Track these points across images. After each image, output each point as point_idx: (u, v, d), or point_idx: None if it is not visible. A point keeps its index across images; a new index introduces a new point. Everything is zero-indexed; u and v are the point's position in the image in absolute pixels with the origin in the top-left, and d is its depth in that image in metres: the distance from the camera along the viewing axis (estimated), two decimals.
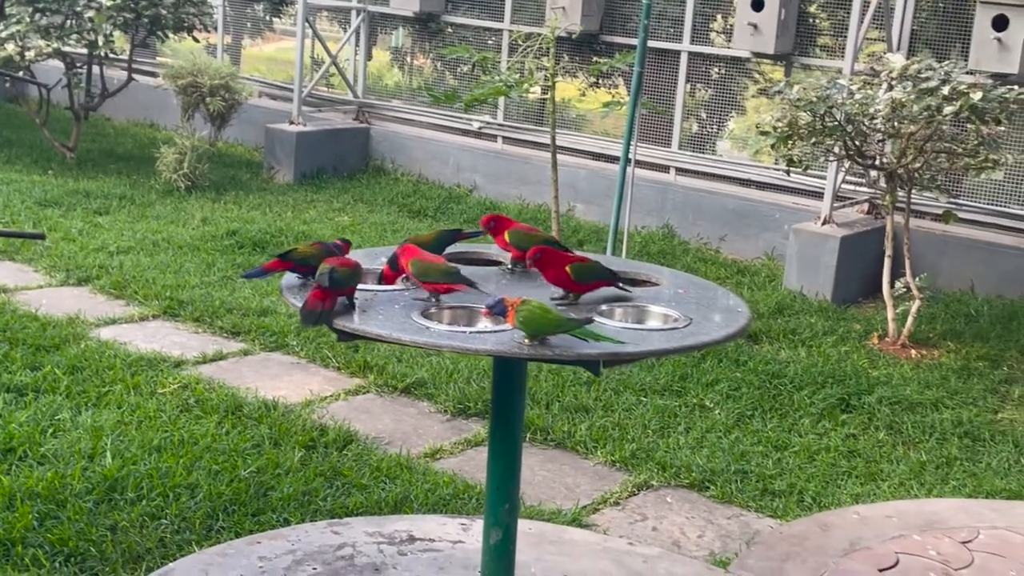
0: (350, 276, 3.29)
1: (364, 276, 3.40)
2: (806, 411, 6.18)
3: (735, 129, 10.70)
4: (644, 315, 3.34)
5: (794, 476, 5.40)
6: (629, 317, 3.30)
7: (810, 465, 5.54)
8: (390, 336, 2.95)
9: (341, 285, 3.25)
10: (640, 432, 5.76)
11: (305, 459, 5.15)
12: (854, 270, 8.46)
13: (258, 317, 7.01)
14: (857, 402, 6.33)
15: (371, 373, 6.31)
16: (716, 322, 3.25)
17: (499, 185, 10.85)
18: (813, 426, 6.01)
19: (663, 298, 3.48)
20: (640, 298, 3.46)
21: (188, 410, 5.58)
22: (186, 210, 9.54)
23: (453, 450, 5.50)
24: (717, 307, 3.42)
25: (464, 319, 3.23)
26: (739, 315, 3.33)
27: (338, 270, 3.25)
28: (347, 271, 3.28)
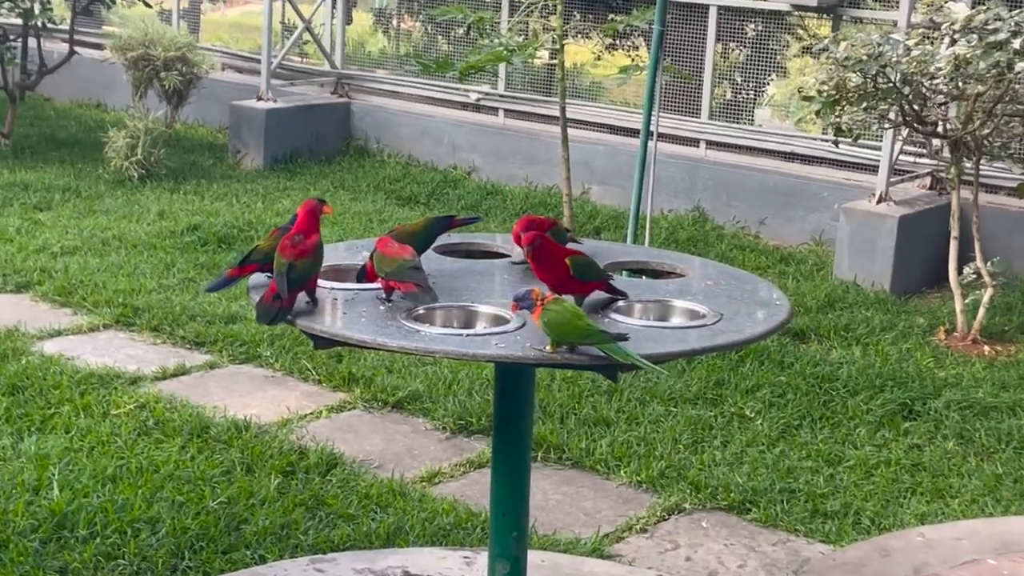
0: (311, 267, 3.33)
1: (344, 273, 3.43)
2: (862, 419, 6.19)
3: (775, 95, 10.71)
4: (667, 311, 3.37)
5: (849, 494, 5.41)
6: (650, 313, 3.33)
7: (867, 481, 5.55)
8: (374, 341, 2.99)
9: (301, 282, 3.29)
10: (670, 447, 5.78)
11: (283, 487, 5.17)
12: (915, 255, 8.47)
13: (225, 325, 7.04)
14: (921, 408, 6.34)
15: (357, 386, 6.33)
16: (751, 317, 3.28)
17: (502, 166, 10.87)
18: (870, 436, 6.02)
19: (690, 291, 3.50)
20: (664, 291, 3.49)
21: (147, 433, 5.61)
22: (140, 203, 9.58)
23: (453, 473, 5.52)
24: (752, 300, 3.45)
25: (460, 320, 3.27)
26: (778, 309, 3.35)
27: (296, 266, 3.29)
28: (305, 263, 3.32)
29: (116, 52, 11.02)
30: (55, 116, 12.86)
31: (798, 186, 9.50)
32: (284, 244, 3.37)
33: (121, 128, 10.37)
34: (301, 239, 3.38)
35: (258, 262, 3.51)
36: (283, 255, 3.33)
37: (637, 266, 3.81)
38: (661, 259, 3.81)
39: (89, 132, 11.97)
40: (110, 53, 11.19)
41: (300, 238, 3.39)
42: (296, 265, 3.29)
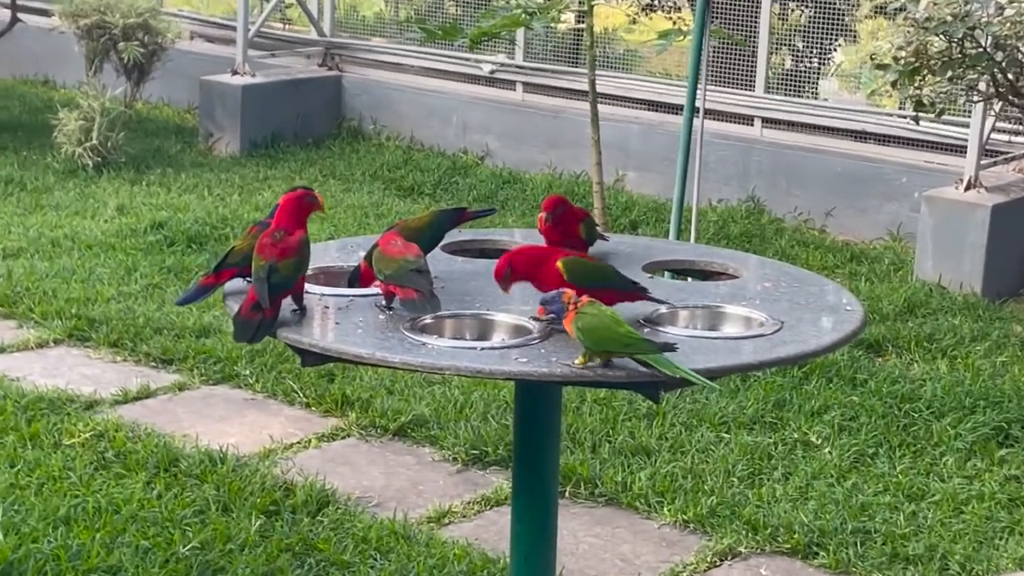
0: (296, 268, 3.33)
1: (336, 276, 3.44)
2: (949, 446, 6.17)
3: (844, 63, 10.70)
4: (718, 319, 3.37)
5: (935, 535, 5.39)
6: (698, 322, 3.34)
7: (956, 520, 5.54)
8: (372, 356, 3.00)
9: (285, 287, 3.30)
10: (722, 481, 5.77)
11: (265, 529, 5.18)
12: (1011, 251, 8.46)
13: (197, 339, 7.06)
14: (1020, 432, 6.32)
15: (352, 410, 6.34)
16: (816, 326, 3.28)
17: (520, 149, 10.88)
18: (959, 466, 6.00)
19: (745, 295, 3.51)
20: (713, 295, 3.49)
21: (105, 467, 5.61)
22: (96, 196, 9.61)
23: (466, 512, 5.52)
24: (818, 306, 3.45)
25: (473, 330, 3.27)
26: (848, 316, 3.35)
27: (277, 269, 3.29)
28: (289, 263, 3.32)
29: (66, 19, 11.06)
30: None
31: (871, 171, 9.48)
32: (263, 242, 3.37)
33: (73, 109, 10.40)
34: (283, 235, 3.39)
35: (236, 266, 3.53)
36: (262, 256, 3.34)
37: (682, 266, 3.82)
38: (710, 257, 3.81)
39: (35, 114, 12.01)
40: (59, 21, 11.23)
41: (282, 234, 3.39)
42: (278, 267, 3.30)
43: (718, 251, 3.95)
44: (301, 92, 11.52)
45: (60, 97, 12.05)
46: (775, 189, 9.83)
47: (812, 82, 10.61)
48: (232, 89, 11.18)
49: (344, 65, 11.97)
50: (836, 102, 10.27)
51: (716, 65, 10.01)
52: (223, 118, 11.21)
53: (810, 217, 9.68)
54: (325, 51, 11.98)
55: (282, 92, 11.40)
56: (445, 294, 3.38)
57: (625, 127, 10.37)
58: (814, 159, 9.72)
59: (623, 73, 10.85)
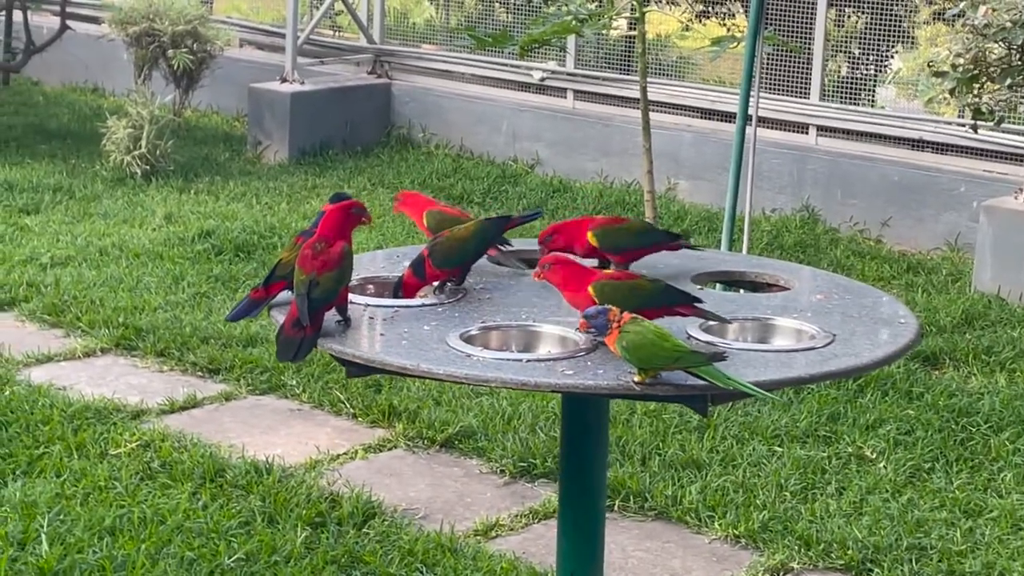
0: (337, 281, 3.33)
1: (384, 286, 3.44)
2: (1008, 461, 6.12)
3: (902, 70, 10.64)
4: (769, 331, 3.35)
5: (992, 552, 5.35)
6: (748, 334, 3.32)
7: (1015, 537, 5.48)
8: (417, 368, 3.00)
9: (327, 301, 3.30)
10: (774, 495, 5.73)
11: (311, 541, 5.18)
12: None
13: (244, 348, 7.09)
14: None
15: (399, 421, 6.35)
16: (870, 339, 3.25)
17: (571, 158, 10.88)
18: (1018, 482, 5.95)
19: (796, 307, 3.49)
20: (764, 307, 3.47)
21: (151, 477, 5.64)
22: (144, 204, 9.67)
23: (513, 525, 5.51)
24: (872, 318, 3.42)
25: (519, 342, 3.27)
26: (903, 328, 3.33)
27: (318, 283, 3.29)
28: (331, 276, 3.32)
29: (116, 27, 11.14)
30: (44, 103, 13.01)
31: (928, 180, 9.43)
32: (304, 254, 3.38)
33: (122, 116, 10.46)
34: (324, 247, 3.39)
35: (285, 278, 3.53)
36: (303, 269, 3.34)
37: (732, 278, 3.80)
38: (762, 268, 3.79)
39: (84, 121, 12.10)
40: (109, 28, 11.31)
41: (323, 246, 3.39)
42: (319, 281, 3.30)
43: (770, 262, 3.93)
44: (350, 100, 11.55)
45: (109, 105, 12.11)
46: (830, 198, 9.78)
47: (869, 89, 10.55)
48: (281, 97, 11.22)
49: (394, 72, 11.99)
50: (892, 110, 10.21)
51: (770, 72, 9.98)
52: (272, 126, 11.25)
53: (866, 227, 9.63)
54: (375, 58, 12.01)
55: (331, 100, 11.43)
56: (491, 304, 3.37)
57: (677, 135, 10.35)
58: (870, 168, 9.67)
59: (675, 80, 10.83)
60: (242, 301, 3.67)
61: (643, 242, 3.81)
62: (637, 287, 3.33)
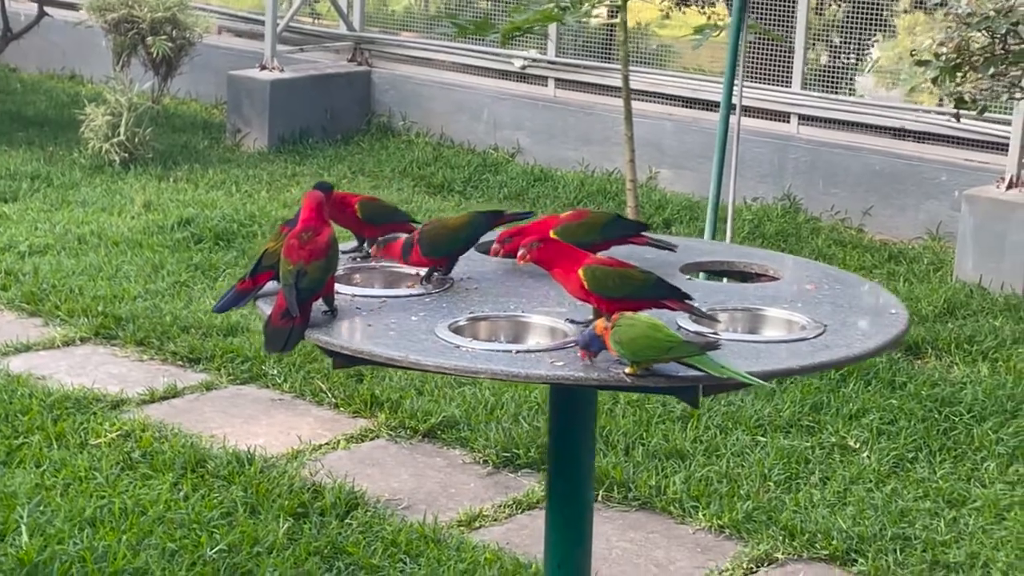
0: (324, 270, 3.30)
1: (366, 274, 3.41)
2: (991, 451, 6.12)
3: (882, 59, 10.62)
4: (758, 322, 3.33)
5: (976, 542, 5.34)
6: (738, 325, 3.30)
7: (998, 527, 5.48)
8: (406, 359, 2.97)
9: (315, 291, 3.27)
10: (757, 485, 5.72)
11: (294, 531, 5.15)
12: None
13: (224, 338, 7.05)
14: None
15: (381, 411, 6.32)
16: (860, 329, 3.23)
17: (552, 146, 10.85)
18: (1001, 472, 5.95)
19: (785, 297, 3.46)
20: (753, 298, 3.45)
21: (132, 467, 5.60)
22: (123, 192, 9.62)
23: (497, 515, 5.49)
24: (860, 308, 3.41)
25: (508, 333, 3.24)
26: (893, 319, 3.31)
27: (306, 272, 3.26)
28: (318, 266, 3.29)
29: (94, 13, 11.07)
30: (22, 90, 12.95)
31: (910, 169, 9.43)
32: (290, 244, 3.35)
33: (100, 104, 10.41)
34: (310, 236, 3.36)
35: (271, 268, 3.50)
36: (289, 259, 3.31)
37: (719, 267, 3.77)
38: (749, 259, 3.77)
39: (62, 109, 12.03)
40: (87, 14, 11.24)
41: (309, 235, 3.36)
42: (307, 270, 3.27)
43: (756, 251, 3.90)
44: (330, 87, 11.50)
45: (87, 92, 12.06)
46: (811, 187, 9.77)
47: (849, 79, 10.54)
48: (260, 84, 11.18)
49: (373, 60, 11.95)
50: (873, 99, 10.20)
51: (752, 61, 9.96)
52: (251, 114, 11.20)
53: (847, 216, 9.62)
54: (354, 46, 11.97)
55: (311, 87, 11.39)
56: (479, 294, 3.34)
57: (658, 124, 10.32)
58: (851, 157, 9.66)
59: (656, 69, 10.80)
60: (228, 292, 3.63)
61: (605, 236, 3.77)
62: (628, 276, 3.28)
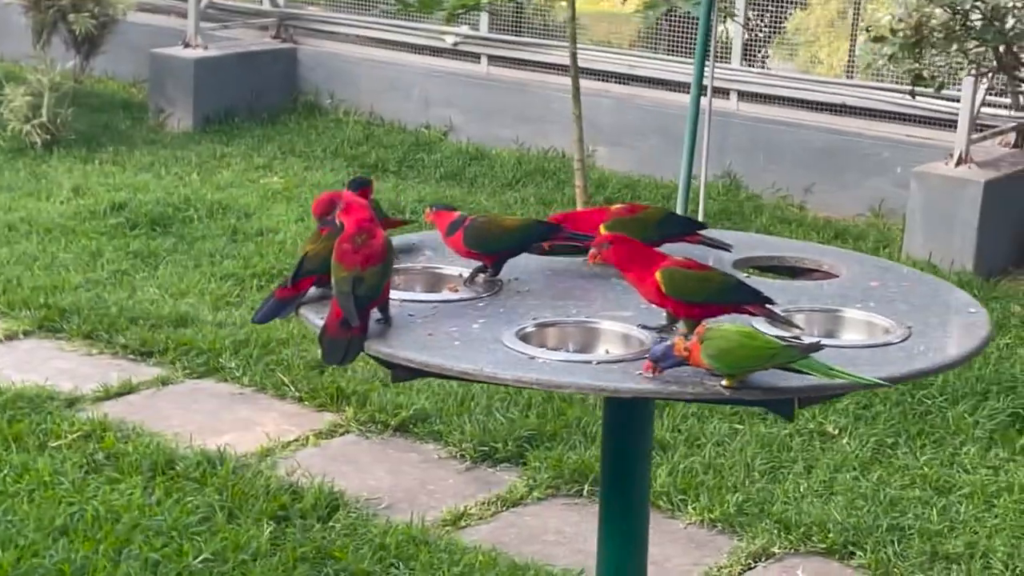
0: (382, 275, 3.07)
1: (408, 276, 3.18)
2: (969, 435, 6.04)
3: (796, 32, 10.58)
4: (838, 324, 3.13)
5: (970, 531, 5.26)
6: (815, 327, 3.09)
7: (989, 514, 5.40)
8: (481, 373, 2.73)
9: (373, 298, 3.03)
10: (743, 475, 5.60)
11: (277, 536, 4.96)
12: (1003, 227, 8.35)
13: (175, 329, 6.79)
14: None
15: (349, 405, 6.11)
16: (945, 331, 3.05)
17: (486, 124, 10.64)
18: (982, 456, 5.87)
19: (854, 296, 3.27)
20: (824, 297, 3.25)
21: (97, 470, 5.37)
22: (48, 176, 9.30)
23: (482, 513, 5.33)
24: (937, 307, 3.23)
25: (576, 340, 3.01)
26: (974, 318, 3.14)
27: (363, 279, 3.02)
28: (375, 271, 3.06)
29: None
30: None
31: (851, 145, 9.34)
32: (343, 249, 3.09)
33: (20, 84, 10.07)
34: (364, 239, 3.11)
35: (313, 273, 3.24)
36: (343, 265, 3.06)
37: (771, 263, 3.56)
38: (802, 253, 3.57)
39: None
40: None
41: (363, 238, 3.11)
42: (363, 277, 3.02)
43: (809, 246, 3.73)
44: (255, 65, 11.21)
45: (5, 71, 11.64)
46: (752, 164, 9.65)
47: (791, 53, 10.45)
48: (184, 63, 10.86)
49: (298, 37, 11.68)
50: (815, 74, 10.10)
51: (690, 36, 9.82)
52: (175, 93, 10.89)
53: (789, 193, 9.51)
54: (279, 23, 11.68)
55: (236, 65, 11.10)
56: (533, 298, 3.12)
57: (596, 101, 10.11)
58: (792, 133, 9.55)
59: (592, 44, 10.62)
60: (268, 300, 3.34)
61: (661, 234, 3.53)
62: (708, 279, 3.06)
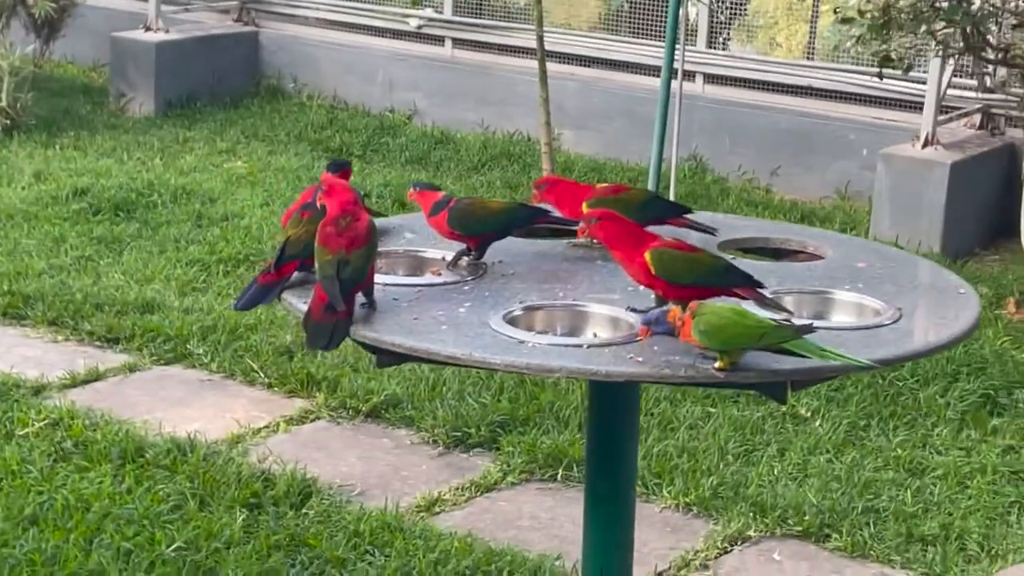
0: (367, 258, 3.01)
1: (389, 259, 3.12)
2: (940, 416, 6.03)
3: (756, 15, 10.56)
4: (828, 306, 3.09)
5: (945, 512, 5.25)
6: (805, 309, 3.05)
7: (963, 495, 5.40)
8: (470, 357, 2.68)
9: (357, 282, 2.97)
10: (717, 458, 5.58)
11: (250, 524, 4.91)
12: (969, 209, 8.35)
13: (141, 315, 6.72)
14: (1007, 399, 6.20)
15: (319, 391, 6.06)
16: (935, 312, 3.02)
17: (450, 107, 10.58)
18: (954, 438, 5.86)
19: (841, 277, 3.23)
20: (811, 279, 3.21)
21: (65, 459, 5.30)
22: (9, 162, 9.18)
23: (456, 499, 5.29)
24: (925, 288, 3.20)
25: (564, 323, 2.96)
26: (964, 299, 3.11)
27: (348, 262, 2.97)
28: (360, 254, 3.00)
29: None
30: None
31: (817, 127, 9.32)
32: (326, 232, 3.03)
33: None
34: (348, 222, 3.05)
35: (297, 257, 3.18)
36: (327, 248, 3.00)
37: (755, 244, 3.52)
38: (786, 235, 3.53)
39: None
40: None
41: (347, 221, 3.06)
42: (348, 260, 2.96)
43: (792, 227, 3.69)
44: (217, 49, 11.11)
45: None
46: (717, 147, 9.61)
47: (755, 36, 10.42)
48: (146, 47, 10.75)
49: (260, 20, 11.57)
50: (779, 57, 10.08)
51: (659, 20, 9.78)
52: (136, 77, 10.78)
53: (755, 176, 9.49)
54: (241, 5, 11.57)
55: (198, 49, 10.99)
56: (519, 280, 3.07)
57: (561, 84, 10.05)
58: (758, 116, 9.52)
59: (556, 27, 10.56)
60: (250, 286, 3.27)
61: (645, 216, 3.46)
62: (697, 261, 3.01)
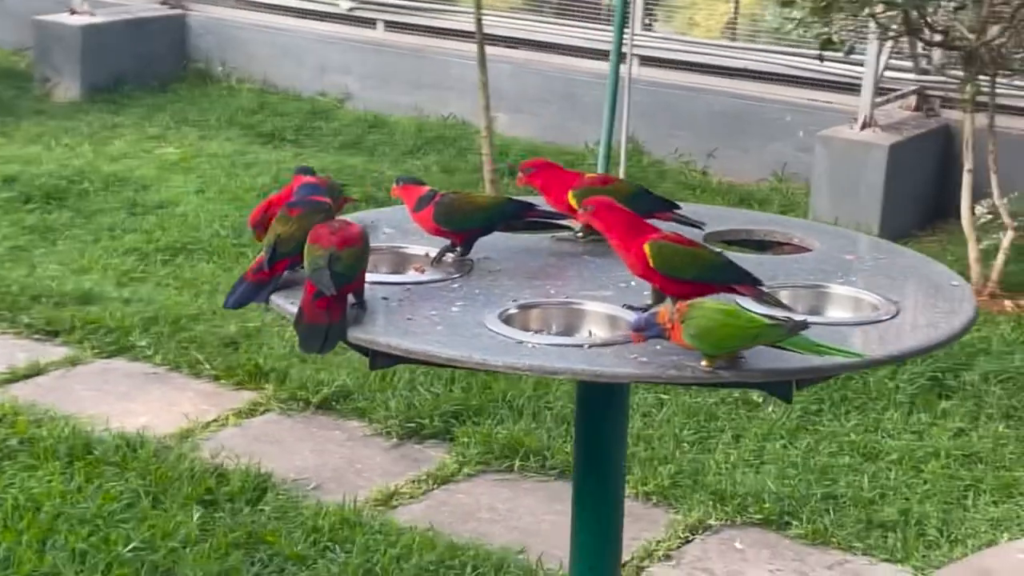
0: (359, 259, 2.94)
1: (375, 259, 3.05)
2: (891, 400, 6.03)
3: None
4: (824, 301, 3.04)
5: (902, 497, 5.24)
6: (800, 304, 2.99)
7: (918, 480, 5.39)
8: (470, 360, 2.60)
9: (349, 279, 2.89)
10: (673, 446, 5.54)
11: (206, 522, 4.80)
12: (907, 190, 8.37)
13: (81, 306, 6.59)
14: (955, 382, 6.20)
15: (267, 382, 5.97)
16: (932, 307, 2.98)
17: (383, 91, 10.49)
18: (905, 421, 5.87)
19: (832, 270, 3.18)
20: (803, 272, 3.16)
21: (11, 457, 5.18)
22: None
23: (413, 492, 5.21)
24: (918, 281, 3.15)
25: (560, 322, 2.89)
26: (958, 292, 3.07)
27: (339, 257, 2.89)
28: (352, 252, 2.94)
29: None
30: None
31: (753, 110, 9.32)
32: (319, 232, 2.96)
33: None
34: (341, 225, 3.01)
35: (288, 255, 3.08)
36: (319, 244, 2.92)
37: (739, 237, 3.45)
38: (770, 226, 3.47)
39: None
40: None
41: (340, 224, 3.03)
42: (340, 255, 2.88)
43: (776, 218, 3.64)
44: (144, 32, 10.97)
45: None
46: (654, 130, 9.59)
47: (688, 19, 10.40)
48: (71, 30, 10.59)
49: (188, 3, 11.42)
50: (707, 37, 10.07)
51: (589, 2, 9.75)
52: (61, 61, 10.61)
53: (692, 158, 9.48)
54: None
55: (124, 33, 10.85)
56: (507, 277, 2.99)
57: (496, 67, 9.96)
58: (693, 98, 9.51)
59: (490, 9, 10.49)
60: (240, 284, 3.16)
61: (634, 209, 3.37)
62: (697, 256, 2.93)
